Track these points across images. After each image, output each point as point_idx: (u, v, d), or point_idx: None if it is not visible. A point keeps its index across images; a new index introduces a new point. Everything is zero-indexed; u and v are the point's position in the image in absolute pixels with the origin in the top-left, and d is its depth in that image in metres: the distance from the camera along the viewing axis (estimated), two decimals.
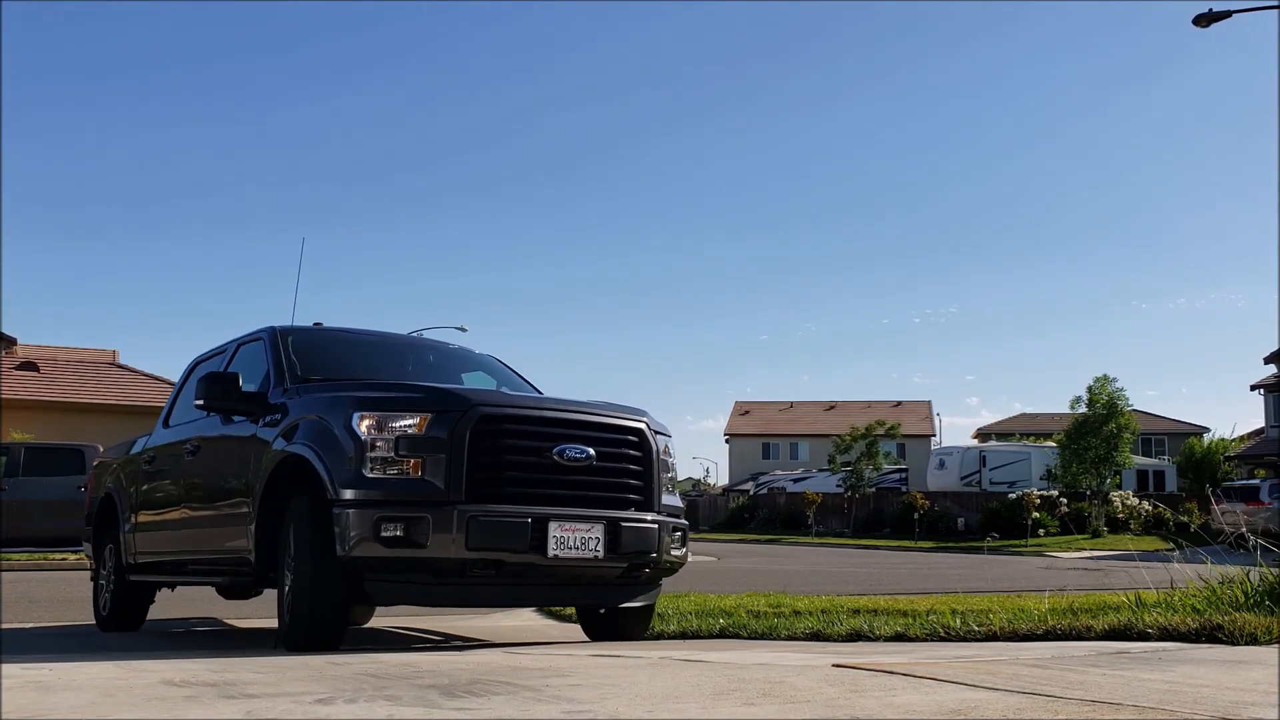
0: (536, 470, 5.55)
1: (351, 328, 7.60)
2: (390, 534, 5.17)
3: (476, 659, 5.05)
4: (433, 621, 8.91)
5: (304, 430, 5.73)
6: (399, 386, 5.94)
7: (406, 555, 5.23)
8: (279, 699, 3.42)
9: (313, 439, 5.59)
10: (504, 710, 3.17)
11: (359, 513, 5.21)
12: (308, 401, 5.92)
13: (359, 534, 5.18)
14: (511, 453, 5.52)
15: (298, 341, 6.73)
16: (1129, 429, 35.17)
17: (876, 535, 39.90)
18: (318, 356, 6.76)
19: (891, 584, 14.02)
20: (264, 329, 6.90)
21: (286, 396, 6.11)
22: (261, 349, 6.71)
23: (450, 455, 5.31)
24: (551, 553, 5.40)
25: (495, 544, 5.31)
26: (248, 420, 6.27)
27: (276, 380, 6.31)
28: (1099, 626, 6.27)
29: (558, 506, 5.51)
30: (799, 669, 4.28)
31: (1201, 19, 17.18)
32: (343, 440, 5.40)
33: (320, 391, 6.02)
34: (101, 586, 8.28)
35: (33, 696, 3.54)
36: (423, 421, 5.36)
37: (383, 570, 5.31)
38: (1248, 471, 39.52)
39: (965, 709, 3.18)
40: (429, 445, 5.33)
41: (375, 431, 5.35)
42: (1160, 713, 3.11)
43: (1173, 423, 66.94)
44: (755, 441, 74.23)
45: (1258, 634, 5.59)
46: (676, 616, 7.56)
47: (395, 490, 5.30)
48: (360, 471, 5.30)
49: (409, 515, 5.21)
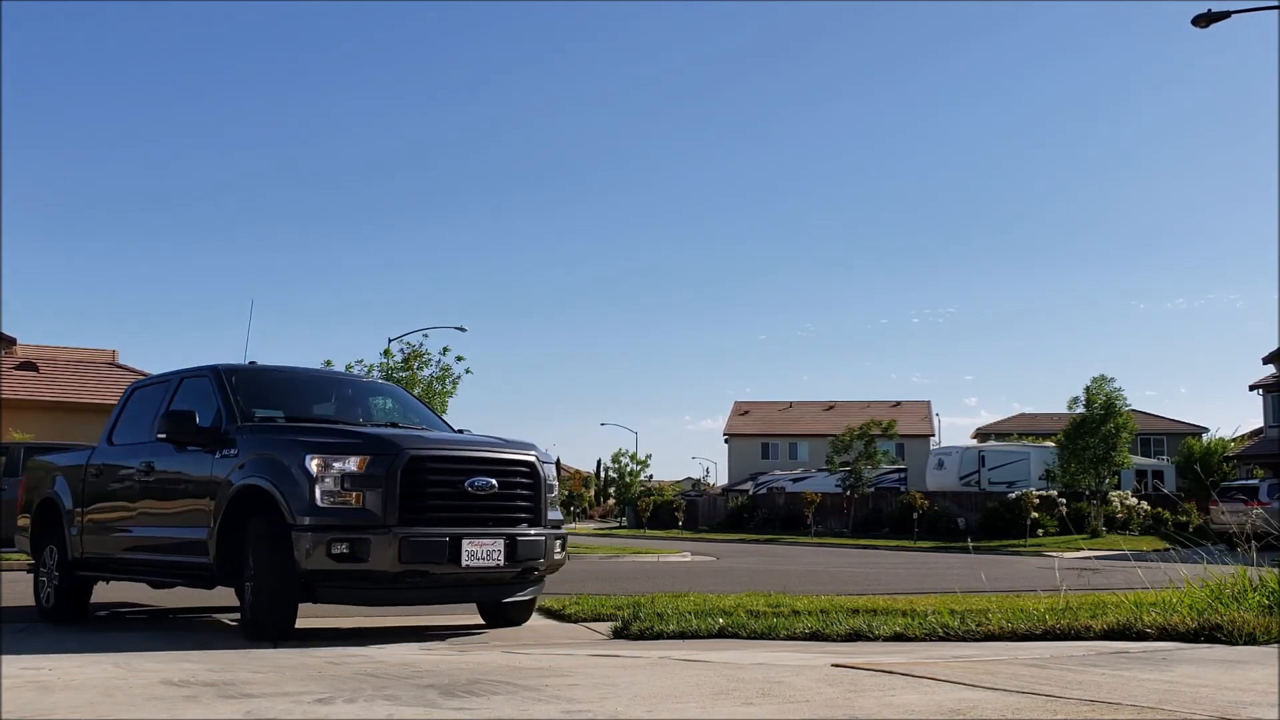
0: (452, 498, 6.89)
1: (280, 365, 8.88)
2: (339, 551, 6.46)
3: (476, 659, 5.05)
4: (432, 622, 8.91)
5: (261, 466, 6.92)
6: (343, 433, 7.13)
7: (351, 568, 6.53)
8: (278, 699, 3.42)
9: (270, 474, 6.80)
10: (503, 710, 3.17)
11: (314, 535, 6.46)
12: (261, 441, 7.17)
13: (314, 551, 6.44)
14: (433, 485, 6.84)
15: (239, 380, 7.90)
16: (1127, 429, 35.14)
17: (875, 535, 39.87)
18: (257, 394, 7.97)
19: (890, 584, 14.02)
20: (207, 368, 8.11)
21: (239, 434, 7.24)
22: (208, 386, 7.86)
23: (385, 489, 6.61)
24: (465, 564, 6.79)
25: (422, 559, 6.64)
26: (203, 451, 7.37)
27: (228, 418, 7.43)
28: (1098, 626, 6.28)
29: (469, 527, 6.88)
30: (798, 669, 4.28)
31: (1201, 19, 17.17)
32: (298, 477, 6.62)
33: (271, 433, 7.32)
34: (43, 583, 8.86)
35: (32, 696, 3.54)
36: (363, 462, 6.65)
37: (332, 579, 6.64)
38: (1246, 471, 39.50)
39: (964, 709, 3.18)
40: (368, 481, 6.63)
41: (324, 470, 6.60)
42: (1159, 713, 3.11)
43: (1171, 423, 66.96)
44: (754, 441, 74.22)
45: (1257, 634, 5.60)
46: (676, 616, 7.56)
47: (342, 517, 6.56)
48: (314, 502, 6.52)
49: (354, 537, 6.49)
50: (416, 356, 41.76)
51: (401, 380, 41.22)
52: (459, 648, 6.53)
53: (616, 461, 78.99)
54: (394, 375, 41.57)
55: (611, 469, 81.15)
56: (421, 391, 41.17)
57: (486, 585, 7.20)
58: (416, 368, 41.60)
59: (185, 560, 7.38)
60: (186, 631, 7.89)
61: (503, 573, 7.07)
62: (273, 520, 6.62)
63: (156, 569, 7.96)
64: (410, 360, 41.68)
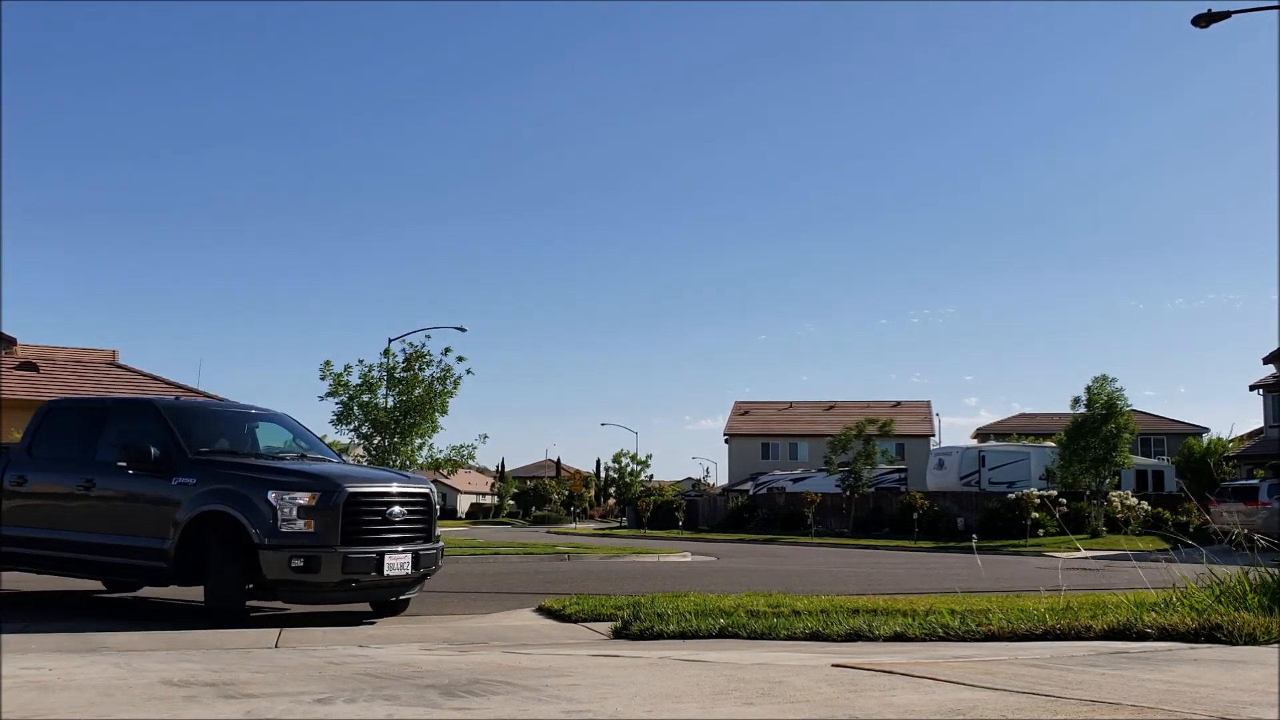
0: (377, 524, 8.86)
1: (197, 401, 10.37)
2: (297, 565, 8.30)
3: (476, 659, 5.05)
4: (433, 620, 8.92)
5: (224, 495, 8.66)
6: (295, 472, 8.95)
7: (306, 579, 8.39)
8: (278, 699, 3.42)
9: (235, 503, 8.55)
10: (503, 710, 3.17)
11: (277, 553, 8.31)
12: (219, 474, 8.91)
13: (277, 565, 8.30)
14: (364, 514, 8.77)
15: (171, 413, 9.60)
16: (1128, 429, 35.13)
17: (875, 535, 39.87)
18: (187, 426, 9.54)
19: (890, 584, 14.03)
20: (144, 400, 10.32)
21: (193, 465, 8.94)
22: (147, 418, 9.56)
23: (330, 518, 8.49)
24: (386, 574, 8.73)
25: (357, 571, 8.56)
26: (155, 476, 8.95)
27: (177, 451, 9.07)
28: (1098, 626, 6.28)
29: (388, 545, 8.84)
30: (798, 669, 4.28)
31: (1201, 19, 17.17)
32: (262, 507, 8.44)
33: (229, 468, 9.04)
34: None
35: (32, 696, 3.54)
36: (313, 497, 8.51)
37: (290, 585, 8.49)
38: (1246, 471, 39.45)
39: (964, 709, 3.18)
40: (317, 512, 8.48)
41: (283, 502, 8.42)
42: (1159, 712, 3.11)
43: (1171, 423, 66.94)
44: (754, 441, 74.20)
45: (1257, 634, 5.60)
46: (676, 617, 7.56)
47: (298, 539, 8.40)
48: (276, 527, 8.36)
49: (308, 555, 8.35)
50: (418, 357, 41.79)
51: (402, 381, 41.32)
52: (459, 648, 6.53)
53: (617, 461, 78.97)
54: (395, 375, 41.65)
55: (612, 469, 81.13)
56: (423, 392, 41.29)
57: (395, 587, 9.08)
58: (418, 368, 41.66)
59: (142, 563, 8.97)
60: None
61: (408, 578, 9.04)
62: (238, 539, 8.43)
63: (104, 569, 9.50)
64: (411, 360, 41.72)
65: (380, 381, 41.55)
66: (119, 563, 9.16)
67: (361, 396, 41.30)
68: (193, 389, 31.11)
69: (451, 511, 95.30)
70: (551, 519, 79.01)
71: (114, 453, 9.22)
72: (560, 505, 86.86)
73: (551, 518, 79.90)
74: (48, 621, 8.45)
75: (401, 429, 40.97)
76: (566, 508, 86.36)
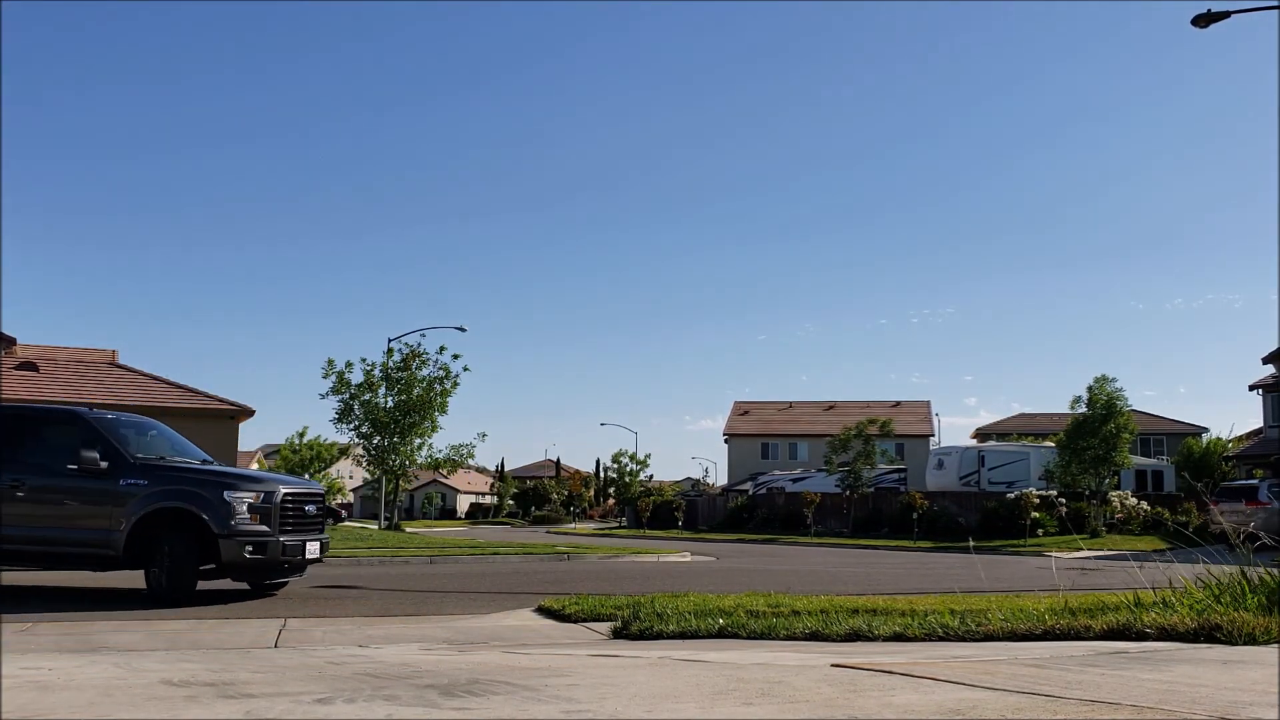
0: (300, 518, 11.17)
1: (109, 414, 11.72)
2: (248, 551, 10.45)
3: (475, 659, 5.05)
4: (433, 620, 8.91)
5: (182, 495, 10.50)
6: (241, 476, 11.10)
7: (255, 561, 10.54)
8: (278, 699, 3.42)
9: (193, 501, 10.44)
10: (503, 710, 3.17)
11: (234, 541, 10.39)
12: (169, 477, 10.72)
13: (234, 552, 10.39)
14: (293, 510, 11.05)
15: (101, 424, 11.04)
16: (1128, 429, 35.10)
17: (875, 535, 39.86)
18: (118, 434, 11.03)
19: (890, 584, 14.02)
20: (73, 411, 11.65)
21: (139, 469, 10.62)
22: (78, 426, 10.93)
23: (272, 513, 10.68)
24: (306, 556, 11.18)
25: (291, 554, 10.88)
26: (102, 478, 10.48)
27: (122, 454, 10.70)
28: (1098, 626, 6.27)
29: (308, 534, 11.22)
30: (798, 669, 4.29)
31: (1201, 19, 17.18)
32: (219, 504, 10.42)
33: (178, 472, 10.88)
34: None
35: (33, 695, 3.54)
36: (258, 496, 10.65)
37: (242, 568, 10.64)
38: (1246, 471, 39.43)
39: (964, 709, 3.18)
40: (262, 508, 10.63)
41: (235, 500, 10.49)
42: (1159, 712, 3.11)
43: (1171, 423, 66.92)
44: (754, 441, 74.17)
45: (1256, 634, 5.60)
46: (676, 616, 7.56)
47: (249, 531, 10.49)
48: (231, 521, 10.39)
49: (257, 542, 10.51)
50: (415, 356, 41.78)
51: (400, 381, 41.30)
52: (459, 648, 6.53)
53: (616, 461, 78.95)
54: (393, 375, 41.61)
55: (611, 469, 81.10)
56: (422, 391, 41.26)
57: (307, 565, 11.57)
58: (415, 367, 41.63)
59: (91, 552, 10.48)
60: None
61: (317, 560, 11.62)
62: (196, 531, 10.35)
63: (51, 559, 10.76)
64: (409, 360, 41.70)
65: (380, 381, 41.57)
66: (65, 552, 10.59)
67: (362, 396, 41.35)
68: (193, 389, 31.11)
69: (451, 511, 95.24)
70: (551, 519, 78.97)
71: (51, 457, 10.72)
72: (560, 505, 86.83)
73: (551, 518, 79.85)
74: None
75: (401, 429, 40.99)
76: (566, 508, 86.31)
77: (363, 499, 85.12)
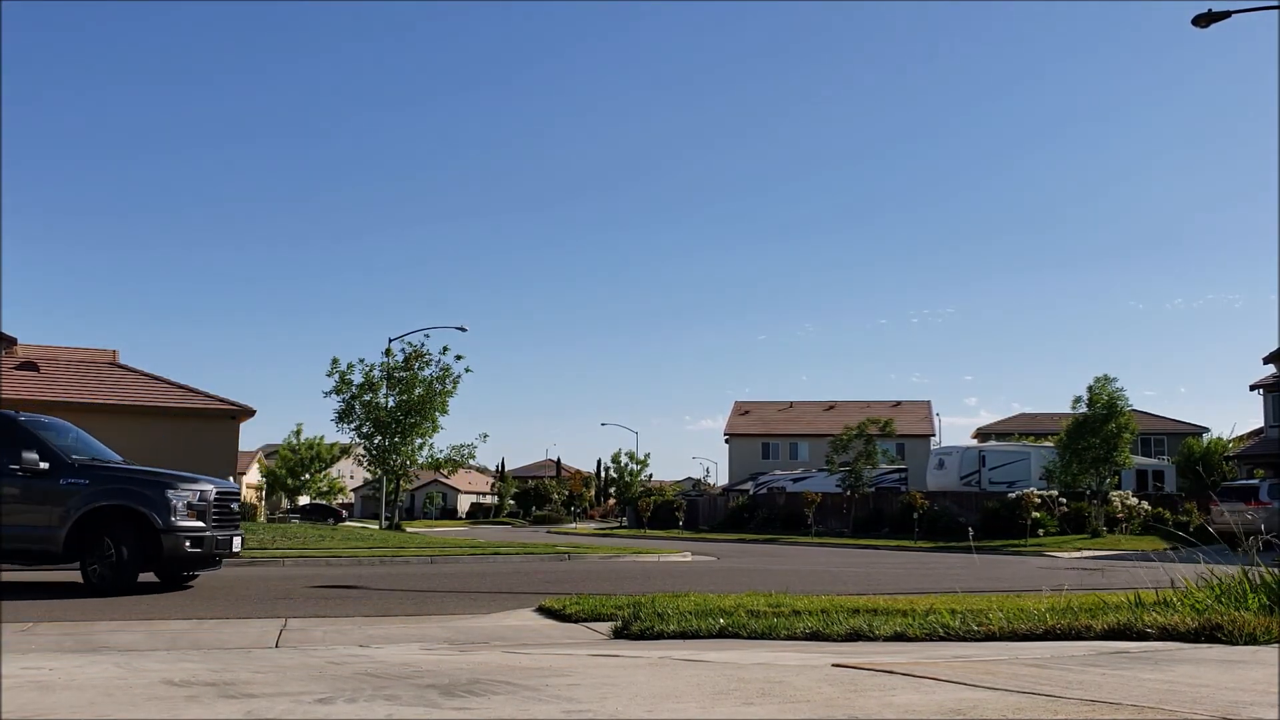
0: (227, 514, 12.15)
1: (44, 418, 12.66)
2: (190, 544, 11.39)
3: (476, 659, 5.05)
4: (433, 620, 8.91)
5: (126, 494, 11.35)
6: (178, 477, 11.83)
7: (193, 553, 11.45)
8: (279, 699, 3.42)
9: (137, 500, 11.30)
10: (503, 710, 3.17)
11: (176, 536, 11.29)
12: (110, 477, 11.53)
13: (176, 545, 11.29)
14: (220, 508, 11.95)
15: (35, 426, 11.80)
16: (1128, 429, 35.07)
17: (876, 535, 39.86)
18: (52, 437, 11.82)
19: (890, 584, 14.02)
20: (6, 415, 11.91)
21: (78, 469, 11.42)
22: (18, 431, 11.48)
23: (207, 510, 11.66)
24: (233, 550, 12.26)
25: (223, 548, 11.88)
26: (43, 478, 11.18)
27: (59, 456, 11.46)
28: (1098, 626, 6.27)
29: (233, 529, 12.29)
30: (798, 669, 4.29)
31: (1201, 19, 17.16)
32: (161, 503, 11.29)
33: (117, 472, 11.73)
34: None
35: (33, 695, 3.54)
36: (195, 495, 11.58)
37: (181, 560, 11.47)
38: (1247, 471, 39.40)
39: (964, 709, 3.18)
40: (199, 506, 11.60)
41: (176, 498, 11.39)
42: (1160, 712, 3.11)
43: (1171, 423, 66.90)
44: (755, 441, 74.16)
45: (1257, 634, 5.59)
46: (676, 616, 7.55)
47: (189, 527, 11.42)
48: (172, 518, 11.29)
49: (195, 537, 11.44)
50: (417, 356, 41.78)
51: (402, 380, 41.30)
52: (459, 648, 6.53)
53: (617, 461, 78.96)
54: (394, 375, 41.61)
55: (612, 469, 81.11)
56: (423, 391, 41.26)
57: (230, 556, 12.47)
58: (417, 367, 41.63)
59: (33, 547, 11.16)
60: None
61: (237, 554, 12.74)
62: (138, 526, 11.20)
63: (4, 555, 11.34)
64: (411, 360, 41.70)
65: (381, 381, 41.58)
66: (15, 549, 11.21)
67: (364, 396, 41.35)
68: (193, 389, 31.11)
69: (452, 511, 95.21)
70: (552, 519, 78.97)
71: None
72: (560, 505, 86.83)
73: (552, 517, 79.85)
74: None
75: (403, 429, 40.99)
76: (567, 507, 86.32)
77: (363, 499, 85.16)
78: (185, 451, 27.19)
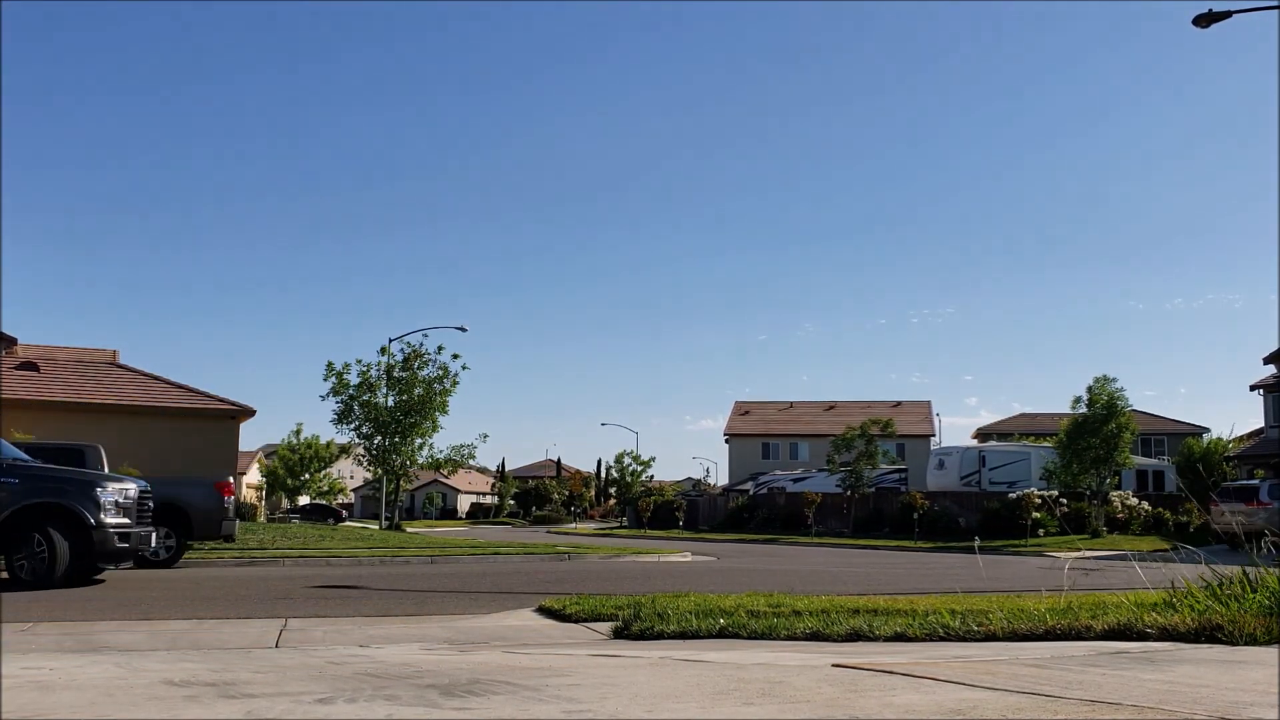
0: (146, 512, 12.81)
1: None
2: (118, 539, 12.02)
3: (476, 659, 5.06)
4: (433, 620, 8.91)
5: (58, 493, 11.93)
6: (105, 477, 12.71)
7: (121, 549, 12.11)
8: (279, 699, 3.43)
9: (70, 498, 11.88)
10: (504, 710, 3.17)
11: (107, 532, 11.93)
12: (41, 476, 12.14)
13: (107, 541, 11.89)
14: (142, 506, 12.71)
15: None
16: (1128, 429, 35.06)
17: (876, 535, 39.85)
18: None
19: (890, 584, 14.01)
20: None
21: (8, 467, 11.92)
22: None
23: (131, 508, 12.41)
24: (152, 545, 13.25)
25: (143, 543, 12.66)
26: None
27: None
28: (1099, 626, 6.27)
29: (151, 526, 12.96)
30: (799, 669, 4.29)
31: (1201, 19, 17.17)
32: (93, 501, 11.89)
33: (48, 473, 12.36)
34: None
35: (33, 696, 3.54)
36: (122, 494, 12.26)
37: (110, 555, 12.07)
38: (1247, 472, 39.37)
39: (965, 709, 3.18)
40: (125, 504, 12.30)
41: (105, 497, 12.02)
42: (1160, 712, 3.11)
43: (1171, 423, 66.91)
44: (755, 441, 74.16)
45: (1257, 634, 5.60)
46: (676, 616, 7.55)
47: (117, 524, 12.09)
48: (102, 515, 11.93)
49: (122, 533, 12.10)
50: (416, 356, 41.78)
51: (401, 380, 41.30)
52: (459, 648, 6.53)
53: (618, 462, 78.96)
54: (394, 375, 41.62)
55: (612, 469, 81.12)
56: (423, 391, 41.26)
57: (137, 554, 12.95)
58: (416, 367, 41.63)
59: None
60: None
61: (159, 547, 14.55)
62: (68, 523, 11.76)
63: None
64: (410, 360, 41.69)
65: (380, 381, 41.60)
66: None
67: (362, 396, 41.36)
68: (193, 389, 31.11)
69: (452, 511, 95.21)
70: (552, 519, 78.98)
71: None
72: (561, 505, 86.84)
73: (552, 518, 79.86)
74: None
75: (402, 429, 41.00)
76: (567, 508, 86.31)
77: (363, 499, 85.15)
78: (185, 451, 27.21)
